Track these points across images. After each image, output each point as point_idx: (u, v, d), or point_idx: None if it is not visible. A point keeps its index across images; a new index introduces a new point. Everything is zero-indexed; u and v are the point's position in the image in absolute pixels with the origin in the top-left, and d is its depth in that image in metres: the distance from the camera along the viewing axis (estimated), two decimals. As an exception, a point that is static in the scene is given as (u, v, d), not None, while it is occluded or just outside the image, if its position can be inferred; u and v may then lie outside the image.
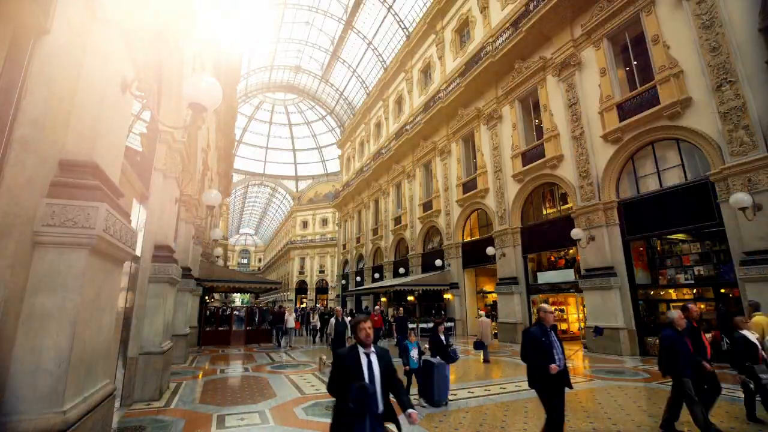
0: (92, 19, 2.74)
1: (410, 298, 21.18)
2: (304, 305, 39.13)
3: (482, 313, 11.94)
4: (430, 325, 15.36)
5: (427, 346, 6.80)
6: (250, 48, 31.24)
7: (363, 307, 26.82)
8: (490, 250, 15.42)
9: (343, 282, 34.10)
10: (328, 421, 4.96)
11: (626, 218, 10.97)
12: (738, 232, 8.27)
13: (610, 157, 11.26)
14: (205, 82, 3.44)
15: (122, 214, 2.91)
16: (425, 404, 5.77)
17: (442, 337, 6.45)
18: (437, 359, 6.04)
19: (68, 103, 2.55)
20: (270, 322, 15.94)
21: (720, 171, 8.58)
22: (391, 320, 15.68)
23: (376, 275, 26.70)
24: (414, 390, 6.20)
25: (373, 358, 2.61)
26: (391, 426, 2.59)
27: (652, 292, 10.78)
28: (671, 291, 10.46)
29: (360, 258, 30.81)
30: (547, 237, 13.68)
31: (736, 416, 5.01)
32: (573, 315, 15.28)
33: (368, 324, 2.68)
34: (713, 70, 8.82)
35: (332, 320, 9.57)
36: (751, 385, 4.73)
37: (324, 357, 9.30)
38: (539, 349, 3.78)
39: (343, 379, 2.51)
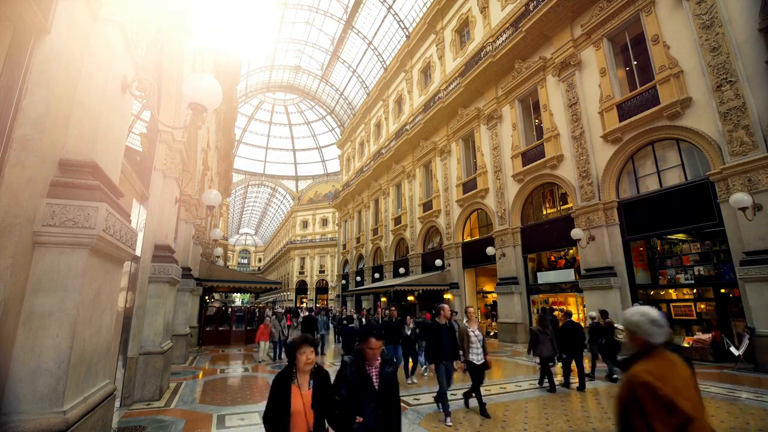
0: (92, 18, 2.75)
1: (410, 297, 21.19)
2: (303, 305, 39.14)
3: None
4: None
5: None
6: (250, 48, 31.27)
7: (363, 306, 26.82)
8: (490, 250, 15.42)
9: (343, 282, 34.09)
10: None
11: (626, 218, 10.97)
12: (738, 232, 8.27)
13: (610, 157, 11.25)
14: (205, 82, 3.44)
15: (122, 214, 2.91)
16: None
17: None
18: None
19: (68, 103, 2.55)
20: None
21: (720, 171, 8.59)
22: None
23: (376, 275, 26.69)
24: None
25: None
26: None
27: (652, 292, 10.78)
28: (671, 291, 10.46)
29: (360, 258, 30.79)
30: (547, 237, 13.67)
31: (736, 416, 5.01)
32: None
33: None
34: (713, 70, 8.82)
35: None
36: None
37: None
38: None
39: None
